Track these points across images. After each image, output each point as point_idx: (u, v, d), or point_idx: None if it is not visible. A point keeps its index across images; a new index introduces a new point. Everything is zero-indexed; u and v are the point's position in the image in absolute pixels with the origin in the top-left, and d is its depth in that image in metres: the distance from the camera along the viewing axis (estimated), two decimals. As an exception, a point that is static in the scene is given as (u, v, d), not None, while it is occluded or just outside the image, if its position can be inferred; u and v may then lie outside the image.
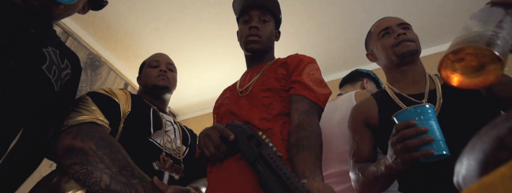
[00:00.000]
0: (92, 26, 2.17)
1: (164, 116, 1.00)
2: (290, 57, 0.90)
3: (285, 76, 0.84)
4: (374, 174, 0.73)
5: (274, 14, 0.98)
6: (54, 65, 0.75)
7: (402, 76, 0.89)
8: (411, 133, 0.60)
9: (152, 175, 0.74)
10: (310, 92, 0.77)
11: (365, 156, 0.84)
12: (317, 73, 0.84)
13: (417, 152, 0.60)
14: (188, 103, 3.09)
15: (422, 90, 0.84)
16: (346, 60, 2.61)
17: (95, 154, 0.68)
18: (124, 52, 2.44)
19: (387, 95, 0.89)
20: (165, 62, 1.12)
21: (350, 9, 2.17)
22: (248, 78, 0.92)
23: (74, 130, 0.71)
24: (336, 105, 1.24)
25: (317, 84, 0.80)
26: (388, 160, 0.67)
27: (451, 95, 0.78)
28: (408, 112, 0.64)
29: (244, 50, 0.98)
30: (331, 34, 2.39)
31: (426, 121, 0.61)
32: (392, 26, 0.91)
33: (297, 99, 0.76)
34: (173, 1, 2.05)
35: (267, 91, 0.81)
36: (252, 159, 0.64)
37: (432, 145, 0.59)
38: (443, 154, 0.59)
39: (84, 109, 0.78)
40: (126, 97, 0.91)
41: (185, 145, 1.00)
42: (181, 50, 2.45)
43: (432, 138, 0.59)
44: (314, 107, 0.76)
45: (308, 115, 0.73)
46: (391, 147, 0.65)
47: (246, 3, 0.95)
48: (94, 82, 2.04)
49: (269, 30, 0.95)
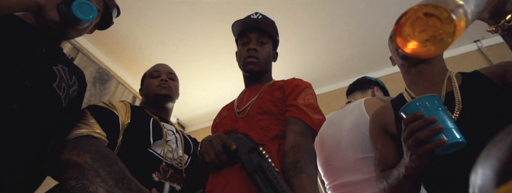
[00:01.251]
0: (101, 41, 2.24)
1: (165, 125, 0.99)
2: (287, 81, 0.93)
3: (281, 100, 0.86)
4: (398, 178, 0.69)
5: (271, 37, 1.02)
6: (64, 82, 0.78)
7: (418, 77, 0.85)
8: (419, 125, 0.58)
9: (152, 187, 0.73)
10: (305, 116, 0.78)
11: (390, 164, 0.80)
12: (312, 98, 0.86)
13: (429, 143, 0.57)
14: (196, 114, 3.10)
15: (439, 93, 0.80)
16: (353, 69, 2.58)
17: (91, 167, 0.68)
18: (132, 66, 2.49)
19: (404, 100, 0.86)
20: (166, 71, 1.13)
21: (356, 17, 2.16)
22: (245, 98, 0.95)
23: (70, 144, 0.72)
24: (345, 113, 1.21)
25: (311, 109, 0.81)
26: (406, 159, 0.64)
27: (470, 96, 0.74)
28: (413, 105, 0.61)
29: (242, 71, 1.02)
30: (337, 42, 2.37)
31: (433, 111, 0.59)
32: None
33: (292, 121, 0.78)
34: (179, 14, 2.10)
35: (264, 114, 0.83)
36: (251, 170, 0.66)
37: (444, 134, 0.56)
38: (459, 141, 0.56)
39: (82, 122, 0.79)
40: (125, 109, 0.92)
41: (187, 154, 0.99)
42: (188, 62, 2.49)
43: (442, 127, 0.56)
44: (309, 130, 0.77)
45: (303, 137, 0.73)
46: (404, 144, 0.63)
47: (244, 26, 0.99)
48: (103, 96, 2.09)
49: (267, 51, 0.98)
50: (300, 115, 0.78)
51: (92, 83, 2.02)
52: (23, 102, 0.67)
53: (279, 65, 1.43)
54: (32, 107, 0.69)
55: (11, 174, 0.67)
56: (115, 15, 0.98)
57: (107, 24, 0.97)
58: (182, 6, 2.04)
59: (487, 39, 2.38)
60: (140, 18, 2.11)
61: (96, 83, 2.08)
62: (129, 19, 2.09)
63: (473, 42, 2.41)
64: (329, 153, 1.15)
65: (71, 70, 0.84)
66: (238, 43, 1.03)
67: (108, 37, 2.20)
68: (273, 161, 0.67)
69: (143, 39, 2.28)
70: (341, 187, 1.06)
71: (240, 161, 0.70)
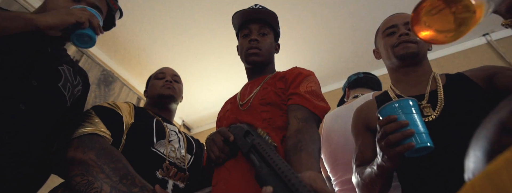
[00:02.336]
0: (105, 43, 2.28)
1: (168, 126, 1.02)
2: (289, 70, 0.92)
3: (284, 90, 0.84)
4: (370, 175, 0.72)
5: (272, 28, 1.01)
6: (69, 82, 0.81)
7: (405, 77, 0.87)
8: (392, 127, 0.60)
9: (155, 184, 0.75)
10: (308, 102, 0.77)
11: (367, 159, 0.82)
12: (315, 86, 0.84)
13: (399, 146, 0.59)
14: (202, 115, 3.13)
15: (423, 91, 0.82)
16: (357, 66, 2.56)
17: (96, 164, 0.69)
18: (136, 68, 2.53)
19: (389, 97, 0.87)
20: (171, 73, 1.17)
21: (360, 14, 2.16)
22: (248, 90, 0.94)
23: (75, 142, 0.74)
24: (353, 107, 1.21)
25: (314, 96, 0.80)
26: (378, 159, 0.67)
27: (453, 94, 0.77)
28: (389, 107, 0.64)
29: (244, 63, 1.01)
30: (341, 40, 2.37)
31: (407, 115, 0.61)
32: (398, 24, 0.89)
33: (295, 108, 0.77)
34: (182, 16, 2.13)
35: (267, 105, 0.82)
36: (245, 151, 0.65)
37: (414, 138, 0.59)
38: (427, 146, 0.59)
39: (87, 122, 0.81)
40: (129, 109, 0.95)
41: (190, 154, 1.01)
42: (193, 64, 2.51)
43: (413, 131, 0.59)
44: (312, 116, 0.75)
45: (307, 122, 0.72)
46: (377, 144, 0.65)
47: (245, 18, 0.99)
48: (107, 97, 2.12)
49: (269, 42, 0.98)
50: (303, 102, 0.77)
51: (97, 85, 2.06)
52: (30, 101, 0.69)
53: (282, 63, 1.44)
54: (39, 106, 0.71)
55: (17, 172, 0.69)
56: (117, 17, 1.00)
57: (110, 26, 1.00)
58: (184, 7, 2.07)
59: (496, 32, 2.34)
60: (144, 21, 2.14)
61: (101, 85, 2.11)
62: (133, 22, 2.12)
63: (482, 35, 2.38)
64: (335, 148, 1.14)
65: (76, 70, 0.87)
66: (239, 35, 1.02)
67: (112, 39, 2.24)
68: (271, 138, 0.66)
69: (147, 41, 2.31)
70: (348, 182, 1.06)
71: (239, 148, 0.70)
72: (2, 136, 0.64)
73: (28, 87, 0.70)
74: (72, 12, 0.69)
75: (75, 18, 0.68)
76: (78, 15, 0.69)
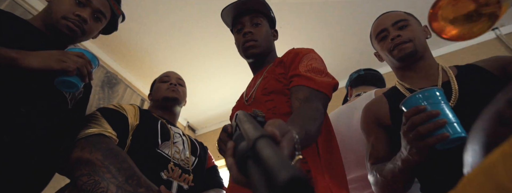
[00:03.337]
0: (109, 45, 2.31)
1: (172, 128, 1.04)
2: (286, 53, 0.88)
3: (284, 75, 0.81)
4: (392, 172, 0.69)
5: (265, 15, 0.98)
6: None
7: (412, 72, 0.87)
8: (422, 118, 0.57)
9: (160, 185, 0.77)
10: (309, 81, 0.73)
11: (382, 157, 0.81)
12: (316, 62, 0.80)
13: (431, 137, 0.56)
14: (206, 116, 3.14)
15: (434, 83, 0.81)
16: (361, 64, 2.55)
17: (102, 164, 0.71)
18: (139, 70, 2.56)
19: (398, 91, 0.87)
20: (175, 77, 1.20)
21: (363, 11, 2.15)
22: (252, 84, 0.93)
23: (82, 143, 0.76)
24: (355, 105, 1.20)
25: (317, 73, 0.75)
26: (404, 153, 0.64)
27: (466, 85, 0.75)
28: (415, 98, 0.60)
29: (245, 58, 0.99)
30: (345, 38, 2.36)
31: (435, 104, 0.58)
32: (388, 27, 0.89)
33: (296, 89, 0.73)
34: (184, 18, 2.15)
35: (270, 94, 0.79)
36: (232, 132, 0.56)
37: (447, 128, 0.55)
38: (461, 136, 0.55)
39: (93, 122, 0.83)
40: (134, 111, 0.97)
41: (194, 155, 1.02)
42: (196, 65, 2.53)
43: (445, 121, 0.56)
44: (316, 94, 0.71)
45: (308, 101, 0.68)
46: (404, 137, 0.62)
47: (234, 12, 0.96)
48: (111, 99, 2.15)
49: (264, 31, 0.95)
50: (304, 82, 0.73)
51: (100, 87, 2.09)
52: (30, 104, 0.71)
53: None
54: (39, 108, 0.73)
55: (19, 174, 0.71)
56: (120, 21, 1.02)
57: (111, 30, 1.02)
58: (187, 9, 2.09)
59: (506, 26, 2.31)
60: (146, 22, 2.16)
61: (105, 87, 2.14)
62: (136, 24, 2.14)
63: (491, 29, 2.35)
64: (339, 147, 1.14)
65: None
66: (233, 32, 1.00)
67: (116, 42, 2.27)
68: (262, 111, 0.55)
69: (150, 43, 2.34)
70: (353, 181, 1.06)
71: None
72: (4, 139, 0.65)
73: (28, 90, 0.71)
74: (63, 58, 0.68)
75: (62, 65, 0.67)
76: (67, 63, 0.67)
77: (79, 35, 0.86)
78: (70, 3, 0.85)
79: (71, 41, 0.89)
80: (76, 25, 0.84)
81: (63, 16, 0.83)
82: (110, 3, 0.94)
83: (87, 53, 0.75)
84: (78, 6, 0.85)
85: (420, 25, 0.92)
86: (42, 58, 0.66)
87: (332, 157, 0.75)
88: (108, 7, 0.93)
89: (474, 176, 0.23)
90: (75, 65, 0.68)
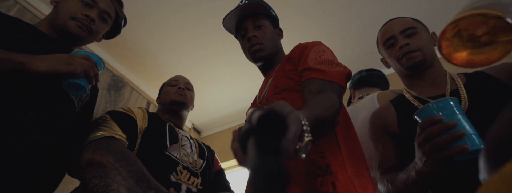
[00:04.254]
0: (115, 49, 2.33)
1: (180, 131, 1.05)
2: (293, 49, 0.87)
3: (294, 71, 0.80)
4: (405, 182, 0.68)
5: (266, 15, 0.98)
6: None
7: (420, 80, 0.86)
8: (439, 129, 0.56)
9: (169, 187, 0.78)
10: (320, 73, 0.71)
11: (392, 165, 0.80)
12: (325, 54, 0.78)
13: (450, 150, 0.55)
14: (211, 118, 3.15)
15: (442, 91, 0.80)
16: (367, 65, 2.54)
17: (113, 166, 0.72)
18: (145, 73, 2.58)
19: (406, 99, 0.86)
20: (183, 81, 1.22)
21: (369, 11, 2.15)
22: (263, 86, 0.93)
23: (93, 145, 0.77)
24: (358, 108, 1.20)
25: (327, 64, 0.73)
26: (418, 164, 0.63)
27: (476, 93, 0.74)
28: (430, 108, 0.59)
29: (253, 62, 0.98)
30: (351, 38, 2.36)
31: (452, 115, 0.57)
32: (396, 35, 0.88)
33: (308, 83, 0.71)
34: (189, 20, 2.17)
35: (282, 93, 0.78)
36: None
37: (464, 140, 0.54)
38: (480, 148, 0.53)
39: (103, 125, 0.85)
40: (143, 114, 0.98)
41: (202, 158, 1.03)
42: (200, 67, 2.55)
43: (464, 132, 0.54)
44: (329, 85, 0.69)
45: (321, 92, 0.67)
46: (419, 149, 0.61)
47: (235, 19, 0.96)
48: (117, 102, 2.17)
49: (268, 32, 0.95)
50: (315, 74, 0.71)
51: (107, 90, 2.11)
52: (39, 107, 0.72)
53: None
54: (47, 112, 0.74)
55: (29, 177, 0.72)
56: (122, 25, 1.04)
57: (114, 34, 1.04)
58: (191, 11, 2.11)
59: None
60: (151, 25, 2.19)
61: (111, 90, 2.17)
62: (140, 26, 2.17)
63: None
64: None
65: None
66: (238, 38, 1.00)
67: (121, 45, 2.30)
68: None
69: (155, 46, 2.36)
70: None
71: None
72: (13, 142, 0.66)
73: (36, 94, 0.72)
74: (70, 61, 0.69)
75: (69, 68, 0.68)
76: (74, 66, 0.68)
77: (87, 35, 0.88)
78: (78, 5, 0.87)
79: (78, 42, 0.90)
80: (84, 25, 0.86)
81: (71, 17, 0.85)
82: (115, 5, 0.95)
83: (93, 55, 0.76)
84: (85, 7, 0.87)
85: (428, 32, 0.91)
86: (49, 61, 0.67)
87: (353, 149, 0.73)
88: (113, 9, 0.95)
89: (492, 183, 0.23)
90: (82, 68, 0.69)
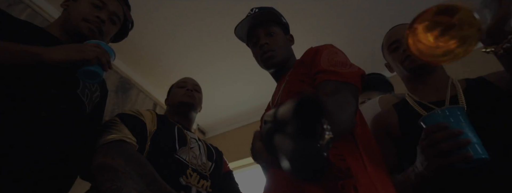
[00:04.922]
0: (122, 51, 2.37)
1: (188, 133, 1.06)
2: (305, 53, 0.89)
3: (307, 74, 0.80)
4: (403, 185, 0.69)
5: (277, 22, 0.99)
6: (87, 88, 0.85)
7: (422, 85, 0.87)
8: (443, 136, 0.57)
9: (179, 190, 0.78)
10: (334, 74, 0.71)
11: (391, 168, 0.81)
12: (337, 56, 0.79)
13: (453, 156, 0.56)
14: (216, 119, 3.17)
15: (443, 97, 0.81)
16: (373, 65, 2.54)
17: (124, 170, 0.74)
18: (152, 74, 2.61)
19: (407, 103, 0.87)
20: (192, 83, 1.24)
21: (375, 11, 2.15)
22: (276, 91, 0.94)
23: (104, 148, 0.79)
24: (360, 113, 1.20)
25: (340, 66, 0.74)
26: (418, 168, 0.64)
27: (475, 99, 0.76)
28: (436, 115, 0.61)
29: (266, 69, 0.99)
30: (356, 38, 2.36)
31: (457, 123, 0.58)
32: (400, 38, 0.89)
33: (322, 85, 0.71)
34: (196, 22, 2.19)
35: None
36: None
37: (468, 148, 0.55)
38: (482, 158, 0.55)
39: (113, 128, 0.86)
40: (152, 117, 1.00)
41: (211, 161, 1.04)
42: (206, 68, 2.57)
43: (469, 140, 0.56)
44: (344, 86, 0.69)
45: (337, 93, 0.67)
46: (421, 153, 0.62)
47: (246, 27, 0.98)
48: (125, 104, 2.21)
49: (280, 39, 0.96)
50: (328, 76, 0.71)
51: (114, 92, 2.15)
52: (51, 108, 0.74)
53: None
54: (59, 113, 0.76)
55: (41, 178, 0.72)
56: (129, 28, 1.06)
57: (122, 37, 1.06)
58: (198, 13, 2.13)
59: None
60: (158, 28, 2.22)
61: (119, 91, 2.20)
62: (147, 29, 2.20)
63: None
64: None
65: None
66: (249, 46, 1.02)
67: (128, 47, 2.33)
68: None
69: (162, 48, 2.39)
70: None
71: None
72: (25, 144, 0.67)
73: (48, 95, 0.74)
74: (82, 49, 0.72)
75: (82, 55, 0.71)
76: (87, 53, 0.71)
77: (97, 37, 0.90)
78: (88, 6, 0.89)
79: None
80: (95, 26, 0.88)
81: (83, 18, 0.87)
82: (123, 8, 0.97)
83: (103, 44, 0.79)
84: (95, 7, 0.90)
85: None
86: (62, 51, 0.70)
87: (372, 151, 0.73)
88: (122, 11, 0.96)
89: None
90: (94, 54, 0.72)
